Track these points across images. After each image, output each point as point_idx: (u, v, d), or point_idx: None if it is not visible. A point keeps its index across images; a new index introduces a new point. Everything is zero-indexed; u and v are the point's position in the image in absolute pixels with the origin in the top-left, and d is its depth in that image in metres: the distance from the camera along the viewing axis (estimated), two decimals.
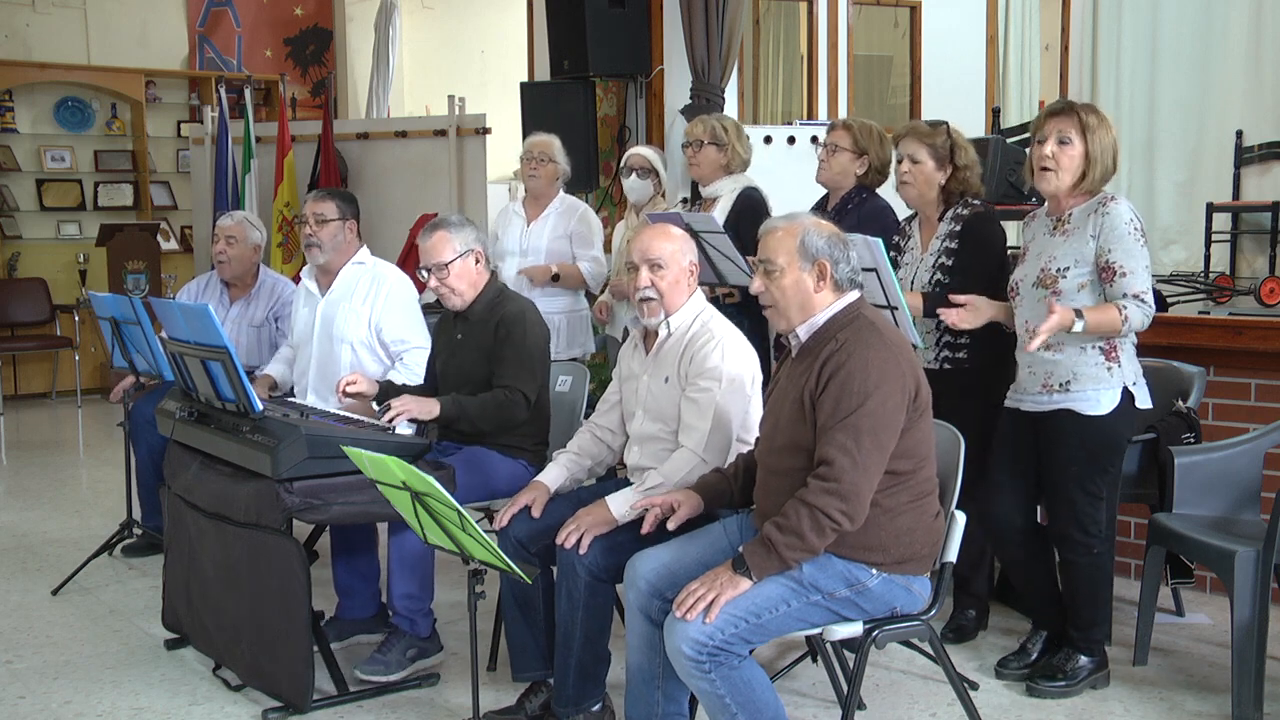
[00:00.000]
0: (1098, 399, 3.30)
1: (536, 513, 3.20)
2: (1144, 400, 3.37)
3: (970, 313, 3.42)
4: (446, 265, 3.65)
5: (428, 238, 3.69)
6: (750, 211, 4.46)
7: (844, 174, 4.25)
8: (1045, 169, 3.30)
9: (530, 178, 5.15)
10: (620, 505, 3.02)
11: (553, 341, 4.82)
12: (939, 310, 3.47)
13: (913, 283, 3.77)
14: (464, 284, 3.69)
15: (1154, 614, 3.70)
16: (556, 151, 5.16)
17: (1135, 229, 3.23)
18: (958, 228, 3.72)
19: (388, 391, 3.72)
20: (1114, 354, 3.30)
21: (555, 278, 5.04)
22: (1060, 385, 3.33)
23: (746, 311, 4.13)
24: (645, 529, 2.92)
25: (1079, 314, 3.18)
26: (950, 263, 3.69)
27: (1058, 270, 3.30)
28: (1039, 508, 3.62)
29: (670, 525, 2.90)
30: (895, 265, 3.87)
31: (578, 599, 3.01)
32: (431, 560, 3.55)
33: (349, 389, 3.64)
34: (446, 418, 3.58)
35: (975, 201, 3.76)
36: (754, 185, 4.67)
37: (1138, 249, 3.22)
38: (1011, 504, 3.51)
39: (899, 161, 3.80)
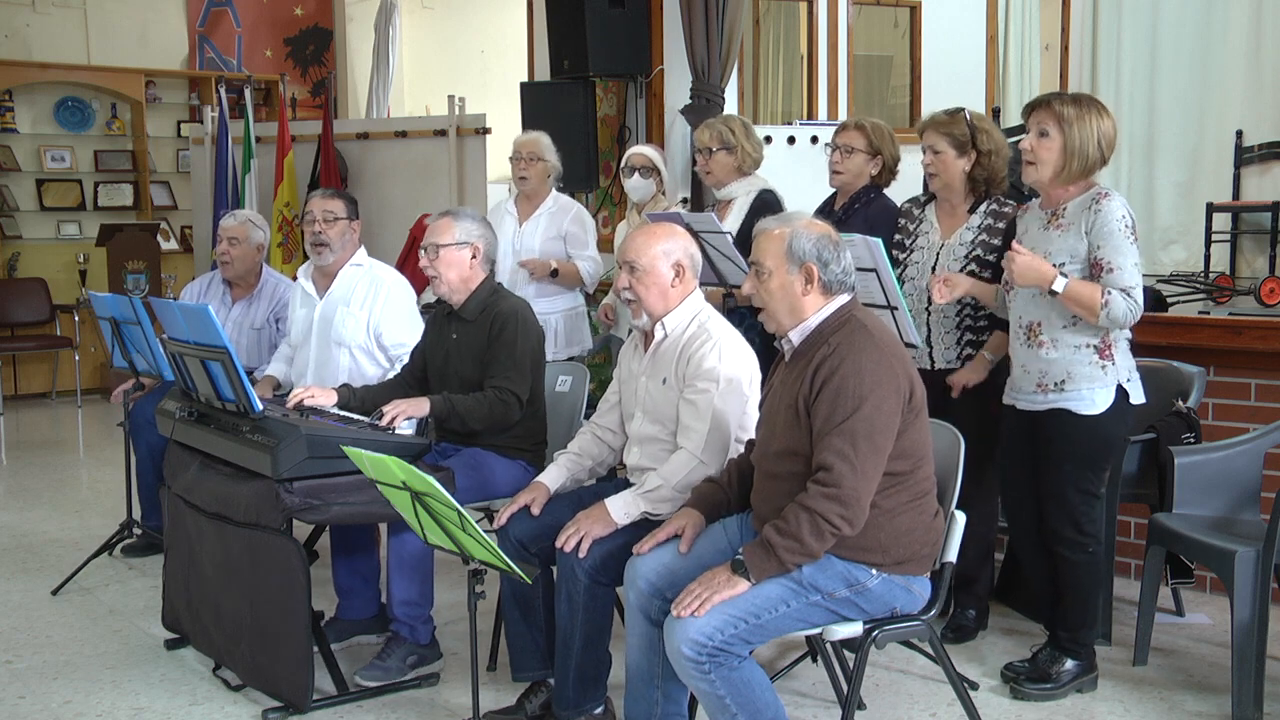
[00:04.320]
0: (1093, 398, 3.31)
1: (536, 511, 3.20)
2: (1138, 396, 3.37)
3: (948, 287, 3.49)
4: (439, 248, 3.68)
5: (437, 220, 3.76)
6: (766, 214, 4.44)
7: (859, 175, 4.24)
8: (1028, 162, 3.34)
9: (521, 178, 5.14)
10: (620, 508, 3.02)
11: (550, 342, 4.84)
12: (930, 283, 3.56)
13: (933, 269, 3.76)
14: (452, 272, 3.69)
15: (1154, 614, 3.70)
16: (545, 149, 5.11)
17: (1127, 226, 3.23)
18: (999, 224, 3.71)
19: (346, 399, 3.72)
20: (1108, 352, 3.31)
21: (554, 273, 5.03)
22: (1055, 385, 3.34)
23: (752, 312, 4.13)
24: (641, 550, 2.90)
25: (1063, 273, 3.21)
26: (991, 257, 3.67)
27: (1053, 266, 3.30)
28: None
29: (682, 549, 2.88)
30: (904, 249, 3.87)
31: (578, 602, 3.01)
32: (431, 566, 3.55)
33: (307, 403, 3.63)
34: (437, 414, 3.58)
35: (1010, 201, 3.76)
36: (770, 188, 4.64)
37: (1127, 246, 3.22)
38: (1025, 502, 3.53)
39: (923, 153, 3.82)
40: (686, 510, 2.96)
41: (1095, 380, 3.30)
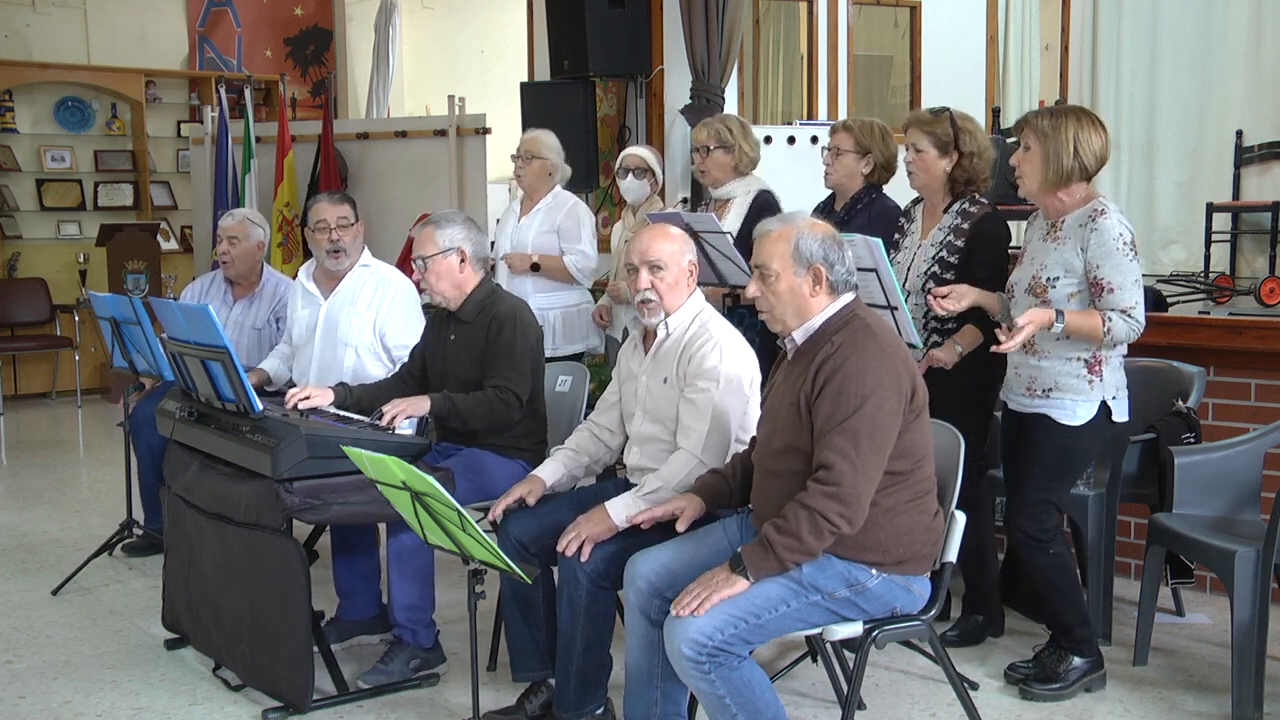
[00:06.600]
0: (1074, 410, 3.34)
1: (532, 501, 3.21)
2: (1121, 414, 3.40)
3: (954, 300, 3.47)
4: (425, 260, 3.67)
5: (420, 231, 3.75)
6: (766, 214, 4.44)
7: (851, 176, 4.24)
8: (1017, 177, 3.39)
9: (519, 176, 5.16)
10: (620, 511, 3.02)
11: (548, 338, 4.83)
12: (929, 298, 3.51)
13: (909, 269, 3.77)
14: (443, 282, 3.68)
15: (1154, 614, 3.70)
16: (544, 147, 5.10)
17: (1125, 243, 3.24)
18: (964, 224, 3.71)
19: (343, 398, 3.71)
20: (1097, 368, 3.33)
21: (535, 267, 5.02)
22: (1042, 391, 3.37)
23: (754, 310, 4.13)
24: (635, 519, 2.92)
25: (1060, 315, 3.22)
26: (954, 259, 3.69)
27: (1048, 280, 3.33)
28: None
29: (680, 527, 2.90)
30: (895, 248, 3.87)
31: (579, 606, 3.01)
32: (432, 569, 3.55)
33: (303, 405, 3.61)
34: (438, 412, 3.58)
35: (982, 199, 3.76)
36: (768, 188, 4.64)
37: (1127, 264, 3.23)
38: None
39: (905, 150, 3.82)
40: (687, 495, 2.98)
41: (1080, 393, 3.33)
